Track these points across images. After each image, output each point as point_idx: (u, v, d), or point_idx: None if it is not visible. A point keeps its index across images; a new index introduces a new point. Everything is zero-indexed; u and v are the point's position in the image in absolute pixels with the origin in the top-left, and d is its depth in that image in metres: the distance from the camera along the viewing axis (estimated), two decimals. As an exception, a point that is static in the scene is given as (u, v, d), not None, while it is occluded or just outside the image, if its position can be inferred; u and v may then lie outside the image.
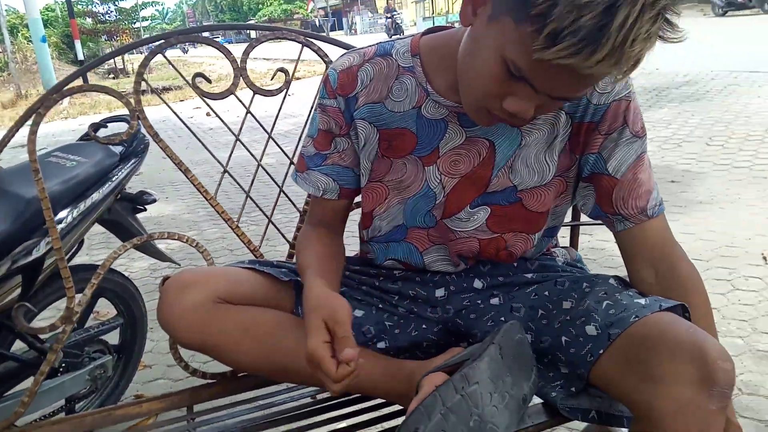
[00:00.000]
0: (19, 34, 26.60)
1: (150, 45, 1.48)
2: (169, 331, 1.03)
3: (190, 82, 1.31)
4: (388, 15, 24.81)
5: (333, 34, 41.45)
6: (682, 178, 3.50)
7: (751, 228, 2.69)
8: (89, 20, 21.18)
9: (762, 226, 2.70)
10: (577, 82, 0.75)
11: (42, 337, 1.49)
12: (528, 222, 1.01)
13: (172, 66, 1.43)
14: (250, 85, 1.36)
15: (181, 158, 1.36)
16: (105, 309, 2.26)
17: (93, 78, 18.34)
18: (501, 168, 0.98)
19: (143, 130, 1.42)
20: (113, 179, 1.65)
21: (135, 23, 20.44)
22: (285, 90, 1.39)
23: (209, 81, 1.48)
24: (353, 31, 47.06)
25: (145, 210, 1.82)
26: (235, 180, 1.52)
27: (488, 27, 0.79)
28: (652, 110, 5.35)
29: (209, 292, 1.00)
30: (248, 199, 1.41)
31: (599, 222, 1.01)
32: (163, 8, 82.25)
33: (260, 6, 61.73)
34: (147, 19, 21.83)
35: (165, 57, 1.41)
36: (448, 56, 0.91)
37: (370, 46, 1.05)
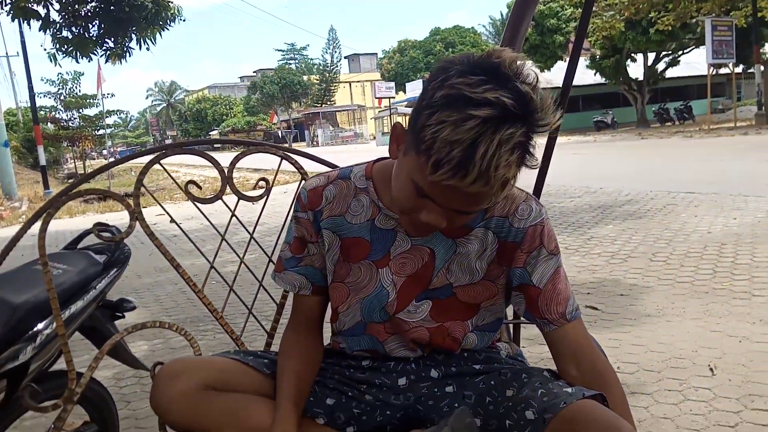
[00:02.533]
0: (-22, 138, 26.53)
1: (143, 157, 1.62)
2: (161, 415, 1.14)
3: (183, 189, 1.46)
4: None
5: (295, 145, 42.71)
6: (630, 292, 3.70)
7: (697, 340, 2.84)
8: (51, 126, 21.39)
9: (707, 338, 2.86)
10: (465, 198, 0.95)
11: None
12: (462, 312, 1.20)
13: (169, 175, 1.58)
14: (236, 192, 1.53)
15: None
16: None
17: (52, 182, 18.26)
18: (440, 269, 1.17)
19: (137, 236, 1.52)
20: (96, 287, 1.71)
21: (99, 130, 20.70)
22: (266, 197, 1.56)
23: (200, 187, 1.63)
24: (315, 143, 48.61)
25: (124, 317, 1.86)
26: (220, 274, 1.62)
27: (404, 158, 1.01)
28: (598, 227, 5.69)
29: (198, 380, 1.13)
30: (231, 292, 1.53)
31: (530, 322, 1.20)
32: (127, 115, 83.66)
33: (224, 117, 63.59)
34: (110, 127, 22.12)
35: (162, 166, 1.56)
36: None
37: (333, 170, 1.28)
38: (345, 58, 65.12)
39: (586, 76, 29.69)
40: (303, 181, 1.34)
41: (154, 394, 1.13)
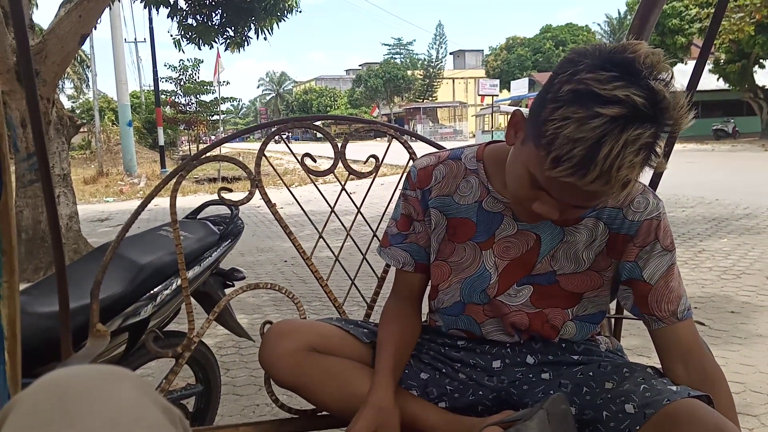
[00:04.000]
0: (105, 117, 28.76)
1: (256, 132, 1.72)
2: (268, 370, 1.23)
3: (299, 160, 1.55)
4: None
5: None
6: (742, 310, 3.47)
7: (813, 366, 2.65)
8: (170, 109, 22.80)
9: (825, 365, 2.66)
10: (582, 195, 0.93)
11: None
12: (564, 299, 1.18)
13: (289, 149, 1.68)
14: (347, 167, 1.59)
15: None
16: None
17: (168, 163, 19.52)
18: (544, 256, 1.17)
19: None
20: (212, 255, 1.84)
21: (213, 116, 21.84)
22: (375, 173, 1.61)
23: (314, 160, 1.70)
24: (413, 139, 48.77)
25: (233, 286, 1.98)
26: (327, 243, 1.70)
27: (521, 147, 0.99)
28: (711, 239, 5.36)
29: (303, 341, 1.20)
30: (336, 262, 1.60)
31: (637, 318, 1.16)
32: (239, 103, 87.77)
33: (328, 109, 65.21)
34: (224, 113, 23.30)
35: (284, 141, 1.66)
36: (504, 163, 1.09)
37: (444, 150, 1.29)
38: (450, 54, 64.93)
39: (708, 81, 27.84)
40: (411, 161, 1.36)
41: (263, 351, 1.21)
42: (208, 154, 1.51)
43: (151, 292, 1.64)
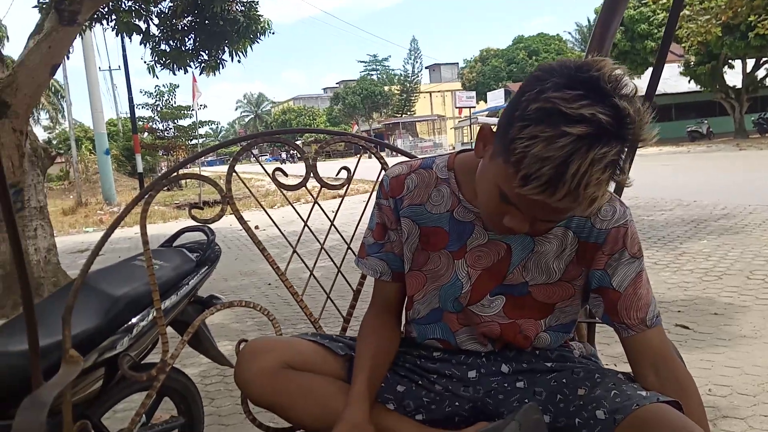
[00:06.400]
0: (83, 146, 28.54)
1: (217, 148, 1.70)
2: (243, 389, 1.22)
3: (270, 174, 1.55)
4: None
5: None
6: (725, 311, 3.49)
7: (797, 364, 2.66)
8: (147, 135, 22.68)
9: (809, 362, 2.67)
10: (551, 211, 0.94)
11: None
12: (536, 310, 1.19)
13: (260, 164, 1.67)
14: (319, 179, 1.59)
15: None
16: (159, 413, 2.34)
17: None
18: (516, 266, 1.17)
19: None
20: (189, 283, 1.81)
21: (192, 140, 21.79)
22: (347, 184, 1.61)
23: (286, 175, 1.69)
24: (394, 154, 48.96)
25: (213, 313, 1.95)
26: (301, 258, 1.69)
27: (490, 162, 1.00)
28: (691, 241, 5.41)
29: (277, 359, 1.19)
30: (311, 276, 1.61)
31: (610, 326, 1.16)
32: (217, 126, 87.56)
33: (307, 127, 65.27)
34: (202, 137, 23.25)
35: (253, 154, 1.65)
36: (474, 173, 1.10)
37: (416, 159, 1.30)
38: (426, 68, 65.40)
39: (679, 83, 28.36)
40: (383, 170, 1.38)
41: (238, 370, 1.20)
42: (186, 170, 1.49)
43: (127, 324, 1.60)
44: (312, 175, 1.59)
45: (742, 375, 2.60)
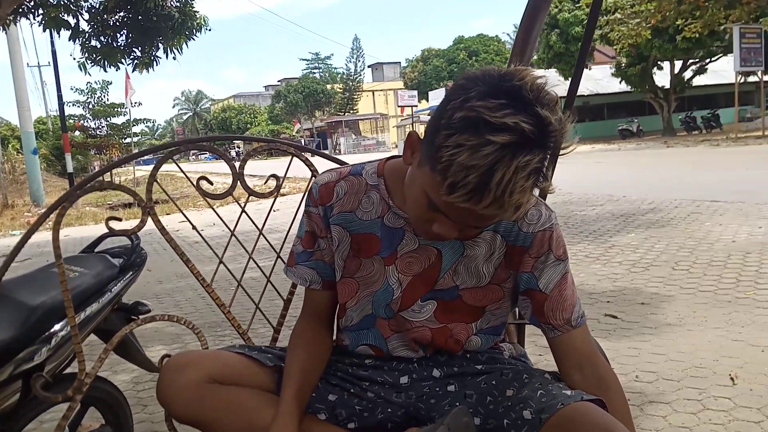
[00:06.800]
0: (9, 146, 27.17)
1: (155, 154, 1.65)
2: (166, 407, 1.17)
3: (194, 184, 1.50)
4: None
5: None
6: (651, 301, 3.65)
7: (718, 350, 2.79)
8: (79, 134, 21.79)
9: (728, 348, 2.80)
10: (478, 217, 0.95)
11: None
12: (467, 314, 1.21)
13: (183, 172, 1.62)
14: (246, 188, 1.55)
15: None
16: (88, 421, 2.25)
17: (79, 189, 18.60)
18: (446, 271, 1.18)
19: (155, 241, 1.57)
20: (112, 290, 1.74)
21: (126, 138, 21.02)
22: (276, 193, 1.58)
23: (211, 183, 1.65)
24: (337, 152, 48.94)
25: (139, 320, 1.89)
26: (227, 268, 1.66)
27: (418, 169, 1.00)
28: (620, 235, 5.62)
29: (203, 373, 1.15)
30: (239, 288, 1.56)
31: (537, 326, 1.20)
32: (154, 124, 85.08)
33: (248, 126, 64.25)
34: (137, 135, 22.46)
35: (176, 163, 1.60)
36: (404, 179, 1.11)
37: (345, 166, 1.29)
38: (368, 67, 65.47)
39: (611, 84, 29.43)
40: (314, 177, 1.37)
41: (160, 386, 1.16)
42: (92, 183, 1.43)
43: (45, 334, 1.53)
44: (239, 183, 1.55)
45: (668, 361, 2.71)
